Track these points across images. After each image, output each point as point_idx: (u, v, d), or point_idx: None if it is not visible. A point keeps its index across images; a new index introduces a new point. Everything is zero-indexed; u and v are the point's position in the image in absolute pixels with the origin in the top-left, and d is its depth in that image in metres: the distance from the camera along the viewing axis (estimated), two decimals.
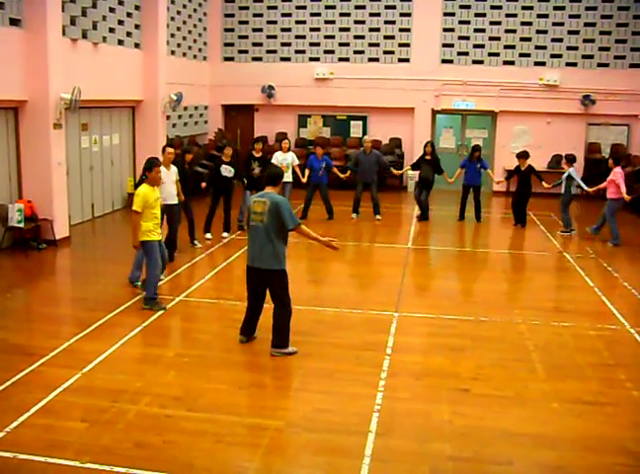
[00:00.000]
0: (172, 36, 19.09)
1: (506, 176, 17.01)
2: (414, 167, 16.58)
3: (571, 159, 14.96)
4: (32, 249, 12.48)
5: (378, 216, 15.98)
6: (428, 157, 16.01)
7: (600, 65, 20.52)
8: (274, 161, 14.93)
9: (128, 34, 16.47)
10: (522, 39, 20.75)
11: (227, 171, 13.44)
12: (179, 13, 19.70)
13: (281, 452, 5.70)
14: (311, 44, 21.76)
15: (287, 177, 15.04)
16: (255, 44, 22.11)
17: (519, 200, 15.74)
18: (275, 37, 21.93)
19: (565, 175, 14.90)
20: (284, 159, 15.16)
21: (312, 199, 16.04)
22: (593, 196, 15.07)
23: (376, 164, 16.09)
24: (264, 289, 7.89)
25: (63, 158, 13.28)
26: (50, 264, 12.30)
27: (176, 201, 11.70)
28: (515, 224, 15.87)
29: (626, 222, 14.54)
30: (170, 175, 11.53)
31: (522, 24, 20.66)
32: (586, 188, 14.81)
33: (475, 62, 21.02)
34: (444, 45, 21.11)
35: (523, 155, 15.62)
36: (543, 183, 15.38)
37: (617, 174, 13.83)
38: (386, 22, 21.30)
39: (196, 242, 13.05)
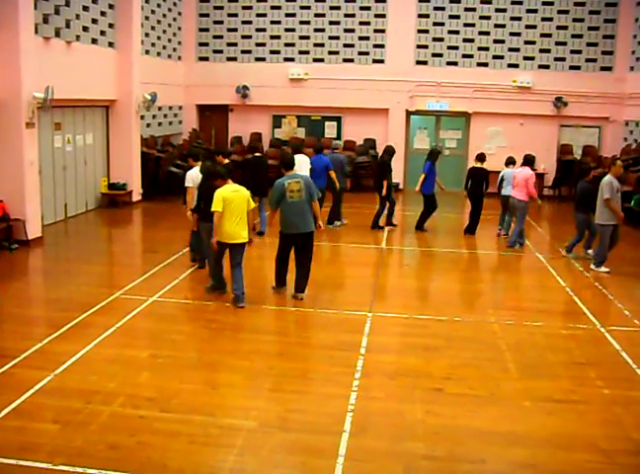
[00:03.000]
0: (146, 35, 18.99)
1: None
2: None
3: (508, 162, 14.73)
4: (4, 249, 12.35)
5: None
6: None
7: (571, 68, 20.77)
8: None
9: (102, 32, 16.37)
10: (496, 42, 20.93)
11: None
12: (153, 12, 19.60)
13: (255, 453, 5.69)
14: (286, 45, 21.75)
15: None
16: (229, 44, 22.06)
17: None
18: (249, 37, 21.89)
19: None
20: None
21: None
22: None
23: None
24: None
25: (36, 157, 13.15)
26: (23, 264, 12.18)
27: None
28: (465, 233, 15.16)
29: None
30: None
31: (496, 26, 20.84)
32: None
33: (449, 64, 21.16)
34: (419, 47, 21.22)
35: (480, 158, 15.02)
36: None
37: (533, 176, 13.69)
38: (361, 23, 21.36)
39: None
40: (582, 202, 12.58)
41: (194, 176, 10.87)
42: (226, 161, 12.27)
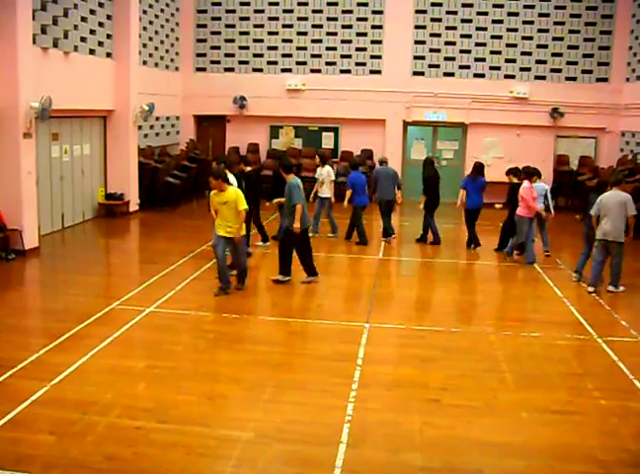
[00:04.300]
0: (144, 46, 19.03)
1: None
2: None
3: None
4: (0, 259, 12.32)
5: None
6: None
7: (568, 79, 20.85)
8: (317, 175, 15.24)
9: (100, 43, 16.41)
10: (492, 53, 21.02)
11: None
12: (151, 23, 19.65)
13: (252, 464, 5.68)
14: (283, 56, 21.82)
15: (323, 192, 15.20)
16: (227, 55, 22.12)
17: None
18: (247, 48, 21.96)
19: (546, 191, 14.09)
20: (320, 174, 15.13)
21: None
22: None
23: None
24: None
25: (33, 167, 13.16)
26: (19, 274, 12.16)
27: None
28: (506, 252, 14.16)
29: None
30: None
31: (492, 37, 20.93)
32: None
33: (446, 75, 21.23)
34: (416, 58, 21.29)
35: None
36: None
37: (526, 189, 13.10)
38: (358, 34, 21.44)
39: None
40: None
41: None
42: (248, 169, 13.26)
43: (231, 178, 11.46)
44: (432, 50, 21.22)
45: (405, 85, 21.11)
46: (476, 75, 21.13)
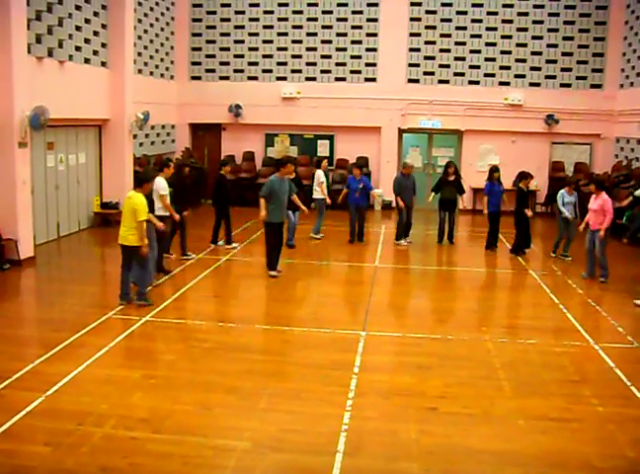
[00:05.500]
0: (139, 54, 19.05)
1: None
2: (435, 190, 16.07)
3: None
4: None
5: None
6: (451, 178, 15.77)
7: (562, 85, 20.94)
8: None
9: (95, 52, 16.41)
10: (487, 60, 21.10)
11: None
12: (146, 32, 19.68)
13: None
14: (278, 64, 21.87)
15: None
16: (222, 64, 22.17)
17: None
18: (242, 56, 22.00)
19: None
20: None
21: (356, 222, 15.84)
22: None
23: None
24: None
25: (28, 177, 13.13)
26: (15, 284, 12.11)
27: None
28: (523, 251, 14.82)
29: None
30: None
31: (487, 44, 21.01)
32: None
33: (441, 82, 21.31)
34: (410, 65, 21.36)
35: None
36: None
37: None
38: (353, 42, 21.51)
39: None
40: None
41: None
42: (222, 172, 14.59)
43: (160, 183, 12.02)
44: (426, 58, 21.30)
45: (400, 92, 21.18)
46: (471, 82, 21.21)
